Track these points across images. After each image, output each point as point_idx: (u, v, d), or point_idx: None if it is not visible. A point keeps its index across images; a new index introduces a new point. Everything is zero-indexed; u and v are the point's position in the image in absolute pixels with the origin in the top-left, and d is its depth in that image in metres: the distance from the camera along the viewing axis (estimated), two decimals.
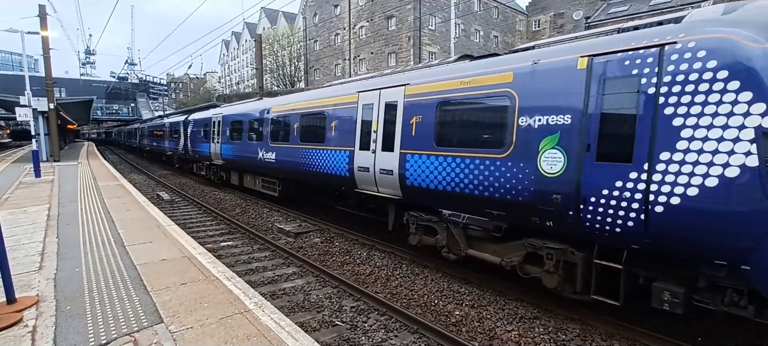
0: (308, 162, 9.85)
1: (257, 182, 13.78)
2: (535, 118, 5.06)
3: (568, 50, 5.04)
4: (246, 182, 14.71)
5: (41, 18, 20.05)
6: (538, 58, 5.23)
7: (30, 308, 4.08)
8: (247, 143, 13.49)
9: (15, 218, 8.17)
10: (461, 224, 6.33)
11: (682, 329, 4.97)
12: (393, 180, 7.28)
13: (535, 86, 5.16)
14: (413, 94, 7.01)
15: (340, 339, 4.95)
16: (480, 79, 5.90)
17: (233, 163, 15.18)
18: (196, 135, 19.25)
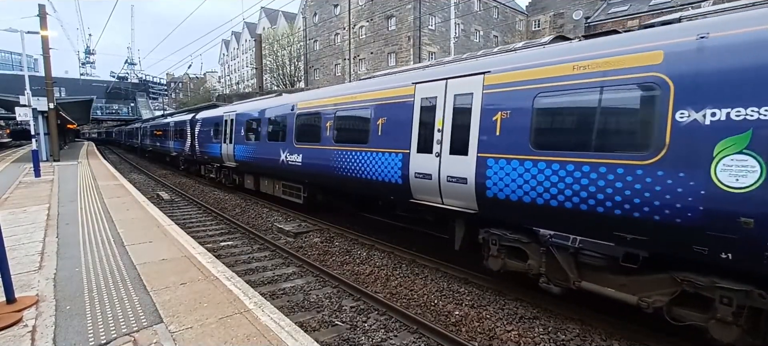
0: (346, 166, 8.54)
1: (277, 187, 12.40)
2: (706, 111, 3.80)
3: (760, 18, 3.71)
4: (263, 186, 13.37)
5: (41, 17, 20.05)
6: (707, 31, 3.96)
7: (30, 307, 4.08)
8: (267, 144, 12.23)
9: (15, 218, 8.17)
10: (571, 249, 4.94)
11: (682, 329, 4.97)
12: (466, 190, 6.00)
13: (704, 68, 3.88)
14: (497, 84, 5.72)
15: (340, 339, 4.95)
16: (607, 61, 4.59)
17: (249, 165, 13.84)
18: (204, 135, 17.83)
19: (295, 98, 11.29)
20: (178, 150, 22.97)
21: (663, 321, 5.09)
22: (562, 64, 5.01)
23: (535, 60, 5.43)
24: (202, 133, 18.32)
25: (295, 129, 10.69)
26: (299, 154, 10.38)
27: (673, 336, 4.78)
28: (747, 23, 3.79)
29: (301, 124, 10.52)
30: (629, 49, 4.49)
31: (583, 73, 4.78)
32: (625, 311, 5.31)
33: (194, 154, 19.86)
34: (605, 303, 5.45)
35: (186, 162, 22.48)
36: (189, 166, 22.32)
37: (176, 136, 23.22)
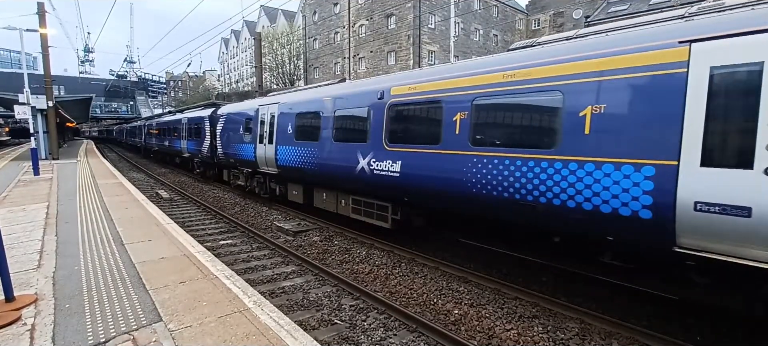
0: (503, 183, 5.64)
1: (345, 202, 9.47)
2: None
3: None
4: (320, 200, 10.48)
5: (40, 15, 19.99)
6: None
7: (29, 306, 4.07)
8: (333, 146, 9.21)
9: (14, 216, 8.15)
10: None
11: (681, 328, 4.98)
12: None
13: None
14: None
15: (340, 338, 4.95)
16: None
17: (299, 173, 10.59)
18: (231, 134, 14.71)
19: (383, 82, 8.25)
20: (193, 151, 19.84)
21: (662, 321, 5.10)
22: None
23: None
24: (227, 131, 15.08)
25: (387, 125, 7.72)
26: (395, 160, 7.47)
27: (673, 336, 4.79)
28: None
29: (400, 118, 7.60)
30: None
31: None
32: (625, 310, 5.32)
33: (214, 156, 16.69)
34: (605, 303, 5.46)
35: (203, 165, 19.42)
36: (206, 170, 19.23)
37: (190, 135, 20.10)
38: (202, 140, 18.17)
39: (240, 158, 14.08)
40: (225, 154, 15.40)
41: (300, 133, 10.52)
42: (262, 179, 13.41)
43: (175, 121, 23.17)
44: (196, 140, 19.20)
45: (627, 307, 5.50)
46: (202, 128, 18.13)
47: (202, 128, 18.00)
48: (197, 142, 18.96)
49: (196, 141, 19.05)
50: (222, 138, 15.52)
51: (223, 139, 15.40)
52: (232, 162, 15.06)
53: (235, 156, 14.43)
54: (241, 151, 13.89)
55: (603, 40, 4.98)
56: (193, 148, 19.77)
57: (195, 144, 19.39)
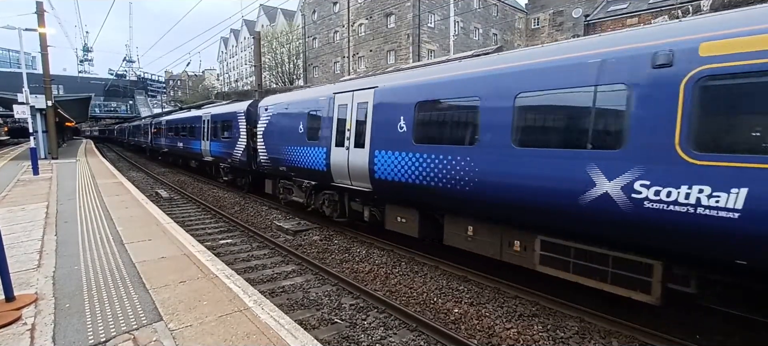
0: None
1: (523, 245, 5.95)
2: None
3: None
4: (455, 234, 6.99)
5: (39, 15, 19.96)
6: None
7: (29, 305, 4.07)
8: (515, 153, 5.54)
9: (13, 216, 8.15)
10: None
11: (681, 327, 4.99)
12: None
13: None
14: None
15: (340, 337, 4.96)
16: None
17: (420, 192, 7.03)
18: (282, 133, 11.08)
19: (669, 33, 4.38)
20: (220, 154, 16.24)
21: (662, 321, 5.11)
22: None
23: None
24: (275, 129, 11.49)
25: (690, 116, 4.07)
26: (724, 184, 3.82)
27: (672, 335, 4.80)
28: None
29: (736, 102, 4.00)
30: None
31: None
32: (624, 310, 5.33)
33: (253, 162, 13.29)
34: (604, 302, 5.47)
35: (233, 172, 15.86)
36: (238, 178, 15.81)
37: (215, 135, 16.63)
38: (233, 141, 14.69)
39: (299, 166, 10.25)
40: (272, 159, 11.60)
41: (425, 132, 6.96)
42: (335, 197, 9.67)
43: (193, 118, 19.77)
44: (224, 141, 15.72)
45: (627, 306, 5.51)
46: (234, 126, 14.64)
47: (235, 126, 14.53)
48: (226, 144, 15.48)
49: (225, 142, 15.61)
50: (267, 139, 11.84)
51: (270, 141, 11.69)
52: (283, 171, 11.16)
53: (291, 163, 10.57)
54: (300, 157, 10.16)
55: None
56: (220, 151, 16.19)
57: (222, 146, 15.90)
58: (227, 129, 15.40)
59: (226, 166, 16.21)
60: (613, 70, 4.60)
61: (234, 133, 14.67)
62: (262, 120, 12.22)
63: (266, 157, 11.98)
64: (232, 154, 14.94)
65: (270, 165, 11.89)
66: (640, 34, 4.68)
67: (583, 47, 5.07)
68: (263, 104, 12.38)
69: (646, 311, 5.32)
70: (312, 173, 9.88)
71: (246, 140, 13.74)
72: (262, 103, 12.50)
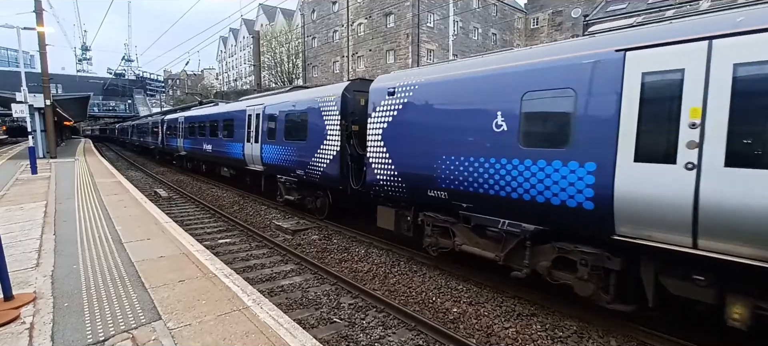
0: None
1: None
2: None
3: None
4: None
5: (37, 13, 19.92)
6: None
7: (27, 305, 4.07)
8: None
9: (11, 215, 8.14)
10: None
11: (679, 327, 5.00)
12: None
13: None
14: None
15: (339, 336, 4.96)
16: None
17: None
18: (435, 132, 6.67)
19: None
20: (283, 163, 11.59)
21: (661, 320, 5.12)
22: None
23: None
24: (425, 126, 6.88)
25: None
26: None
27: (672, 335, 4.81)
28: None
29: None
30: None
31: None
32: None
33: (355, 179, 9.08)
34: None
35: (304, 189, 11.26)
36: (311, 197, 11.07)
37: (273, 135, 12.08)
38: (310, 145, 10.14)
39: (507, 195, 5.62)
40: (411, 177, 7.13)
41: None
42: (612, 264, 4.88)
43: (230, 114, 15.39)
44: (290, 145, 11.13)
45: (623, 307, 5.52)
46: (313, 123, 10.16)
47: (315, 123, 10.04)
48: (295, 149, 10.89)
49: (292, 146, 11.03)
50: (393, 142, 7.44)
51: (401, 146, 7.29)
52: (442, 198, 6.59)
53: (480, 187, 5.92)
54: (503, 177, 5.64)
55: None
56: (282, 159, 11.62)
57: (287, 151, 11.29)
58: (298, 127, 10.88)
59: (290, 181, 11.46)
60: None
61: (313, 133, 10.08)
62: (382, 111, 7.59)
63: (393, 173, 7.36)
64: (308, 163, 10.22)
65: (403, 186, 7.26)
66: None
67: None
68: (388, 84, 7.53)
69: (645, 310, 5.33)
70: (551, 211, 5.11)
71: (339, 144, 9.11)
72: (383, 84, 7.70)
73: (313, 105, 10.21)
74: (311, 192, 11.03)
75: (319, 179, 10.07)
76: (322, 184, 10.16)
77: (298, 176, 10.95)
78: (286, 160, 11.35)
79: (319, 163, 9.88)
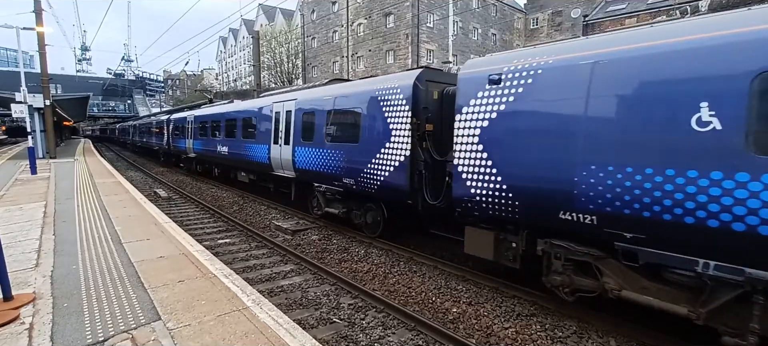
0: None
1: None
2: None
3: None
4: None
5: (37, 13, 19.91)
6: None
7: (27, 305, 4.07)
8: None
9: (11, 215, 8.13)
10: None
11: (679, 326, 5.00)
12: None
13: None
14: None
15: (338, 336, 4.96)
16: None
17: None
18: (571, 141, 4.77)
19: None
20: (323, 170, 9.49)
21: (660, 320, 5.12)
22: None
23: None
24: (560, 132, 4.91)
25: None
26: None
27: (671, 334, 4.82)
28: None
29: None
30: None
31: None
32: (621, 307, 5.34)
33: (429, 192, 7.21)
34: (603, 301, 5.48)
35: (351, 202, 9.28)
36: (359, 210, 9.15)
37: (310, 136, 9.97)
38: (365, 147, 8.21)
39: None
40: (523, 190, 5.37)
41: None
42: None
43: (253, 112, 13.23)
44: (333, 149, 9.07)
45: (625, 305, 5.52)
46: (367, 124, 8.24)
47: (372, 124, 8.09)
48: (341, 154, 8.83)
49: (337, 151, 8.96)
50: (498, 146, 5.61)
51: (513, 150, 5.44)
52: (591, 223, 4.70)
53: (662, 209, 4.13)
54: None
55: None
56: (322, 165, 9.42)
57: (329, 156, 9.18)
58: (346, 126, 8.96)
59: (333, 191, 9.37)
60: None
61: (369, 134, 8.11)
62: (480, 105, 5.78)
63: (497, 187, 5.53)
64: (361, 171, 8.20)
65: (514, 204, 5.42)
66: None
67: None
68: (489, 69, 5.76)
69: (644, 310, 5.34)
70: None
71: (408, 147, 7.20)
72: (480, 70, 5.91)
73: (369, 99, 8.20)
74: (360, 204, 9.10)
75: (376, 191, 8.09)
76: (381, 196, 8.23)
77: (344, 185, 8.89)
78: (329, 166, 9.26)
79: (377, 171, 7.90)
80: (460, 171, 6.00)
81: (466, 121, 5.98)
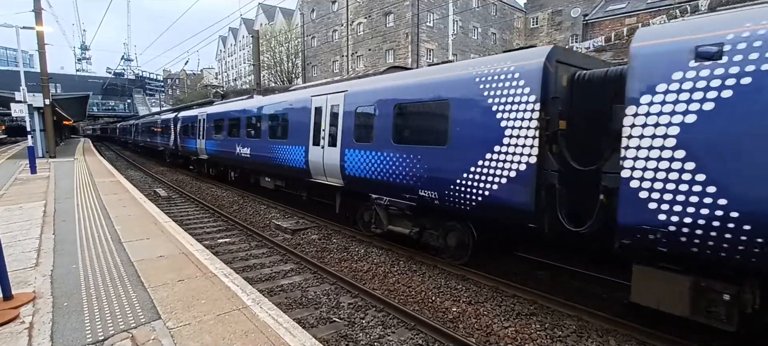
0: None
1: None
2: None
3: None
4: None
5: (36, 13, 19.89)
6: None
7: (27, 304, 4.07)
8: None
9: (11, 215, 8.13)
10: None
11: (678, 326, 5.01)
12: None
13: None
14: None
15: (338, 335, 4.96)
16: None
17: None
18: None
19: None
20: (400, 179, 7.29)
21: (660, 320, 5.13)
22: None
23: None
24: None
25: None
26: None
27: (670, 334, 4.82)
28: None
29: None
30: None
31: None
32: (622, 309, 5.34)
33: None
34: (602, 300, 5.49)
35: (421, 217, 7.57)
36: (433, 231, 7.49)
37: (368, 136, 8.13)
38: (456, 155, 6.35)
39: None
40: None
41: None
42: None
43: (285, 107, 11.29)
44: (404, 152, 7.26)
45: (624, 304, 5.53)
46: (460, 120, 6.34)
47: (471, 120, 6.19)
48: (418, 159, 6.98)
49: (410, 154, 7.14)
50: (721, 154, 3.78)
51: (756, 161, 3.58)
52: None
53: None
54: None
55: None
56: (385, 172, 7.63)
57: (398, 161, 7.36)
58: (424, 123, 7.17)
59: (400, 205, 7.58)
60: None
61: (465, 133, 6.25)
62: (680, 93, 4.04)
63: (715, 214, 3.82)
64: (451, 182, 6.36)
65: (751, 241, 3.67)
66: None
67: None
68: (694, 39, 3.97)
69: (644, 309, 5.34)
70: None
71: (534, 152, 5.37)
72: (677, 40, 4.12)
73: (465, 87, 6.19)
74: (437, 222, 7.30)
75: (474, 209, 6.11)
76: (483, 216, 6.21)
77: (421, 199, 6.97)
78: (397, 174, 7.32)
79: (480, 183, 5.93)
80: (637, 188, 4.28)
81: (650, 115, 4.22)
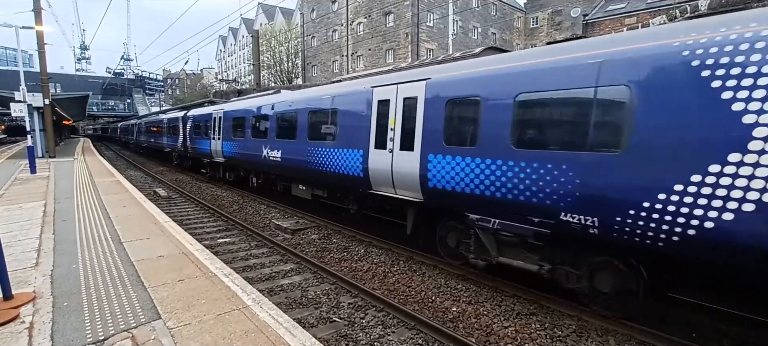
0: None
1: None
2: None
3: None
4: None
5: (36, 12, 19.88)
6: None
7: (27, 304, 4.07)
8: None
9: (10, 215, 8.12)
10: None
11: (678, 326, 5.02)
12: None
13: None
14: None
15: (338, 335, 4.97)
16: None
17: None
18: None
19: None
20: (521, 196, 5.32)
21: (659, 319, 5.13)
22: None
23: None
24: None
25: None
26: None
27: (670, 334, 4.83)
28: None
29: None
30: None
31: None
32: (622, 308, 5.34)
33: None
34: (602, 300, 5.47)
35: (553, 250, 5.51)
36: (570, 269, 5.46)
37: (497, 138, 5.63)
38: (645, 165, 4.17)
39: None
40: None
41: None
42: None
43: (328, 101, 9.45)
44: (533, 160, 5.18)
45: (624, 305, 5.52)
46: (653, 117, 4.15)
47: (686, 116, 3.94)
48: (559, 171, 4.88)
49: (543, 163, 5.06)
50: None
51: None
52: None
53: None
54: None
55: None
56: (495, 185, 5.65)
57: (519, 172, 5.35)
58: (568, 120, 5.09)
59: (519, 231, 5.63)
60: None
61: (663, 136, 4.09)
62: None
63: None
64: (637, 207, 4.25)
65: None
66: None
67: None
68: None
69: (643, 309, 5.35)
70: None
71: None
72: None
73: (661, 64, 4.18)
74: (576, 258, 5.46)
75: (669, 245, 4.16)
76: (680, 254, 4.22)
77: (561, 224, 5.04)
78: (519, 189, 5.38)
79: (689, 209, 3.93)
80: None
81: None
